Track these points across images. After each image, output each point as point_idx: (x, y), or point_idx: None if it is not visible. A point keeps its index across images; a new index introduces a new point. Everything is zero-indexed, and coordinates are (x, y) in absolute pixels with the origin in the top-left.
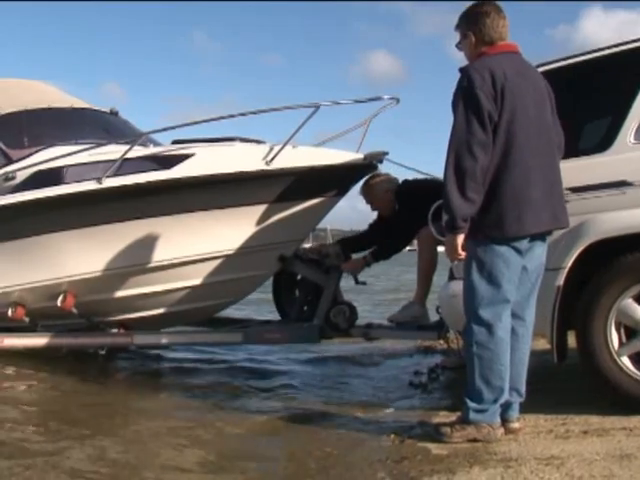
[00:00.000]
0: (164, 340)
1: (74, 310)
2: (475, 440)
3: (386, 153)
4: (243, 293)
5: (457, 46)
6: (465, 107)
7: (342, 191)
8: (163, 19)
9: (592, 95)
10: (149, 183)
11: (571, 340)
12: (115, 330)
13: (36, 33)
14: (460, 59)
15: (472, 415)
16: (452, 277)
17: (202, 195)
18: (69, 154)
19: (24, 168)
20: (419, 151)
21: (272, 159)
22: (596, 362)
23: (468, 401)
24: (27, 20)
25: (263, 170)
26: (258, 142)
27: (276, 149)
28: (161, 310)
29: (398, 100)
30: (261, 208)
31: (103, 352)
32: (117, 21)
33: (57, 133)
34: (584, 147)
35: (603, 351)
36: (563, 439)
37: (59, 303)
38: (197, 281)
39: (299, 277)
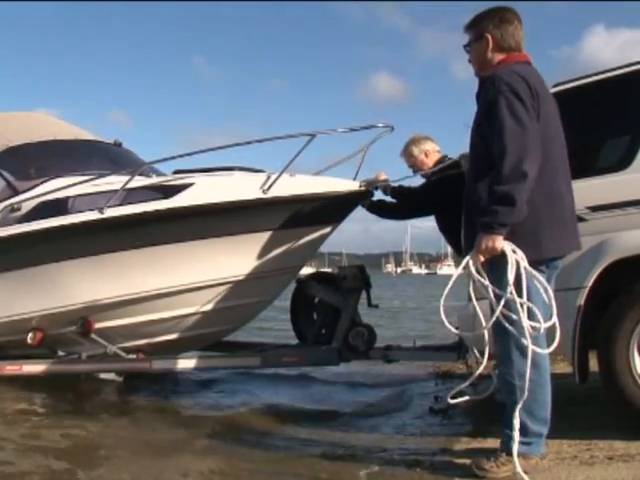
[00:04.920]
0: (182, 365)
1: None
2: (525, 472)
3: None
4: (243, 320)
5: (465, 48)
6: (511, 109)
7: (339, 218)
8: (166, 46)
9: (611, 114)
10: (148, 212)
11: (593, 363)
12: (133, 356)
13: (41, 64)
14: (464, 80)
15: (520, 448)
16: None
17: (201, 224)
18: (72, 185)
19: (29, 199)
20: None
21: (269, 187)
22: (619, 386)
23: (512, 434)
24: (32, 52)
25: (260, 199)
26: (257, 171)
27: (273, 178)
28: (163, 337)
29: (392, 128)
30: (260, 236)
31: (120, 379)
32: (119, 48)
33: (63, 164)
34: (603, 166)
35: (626, 375)
36: (588, 465)
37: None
38: (197, 309)
39: (317, 300)
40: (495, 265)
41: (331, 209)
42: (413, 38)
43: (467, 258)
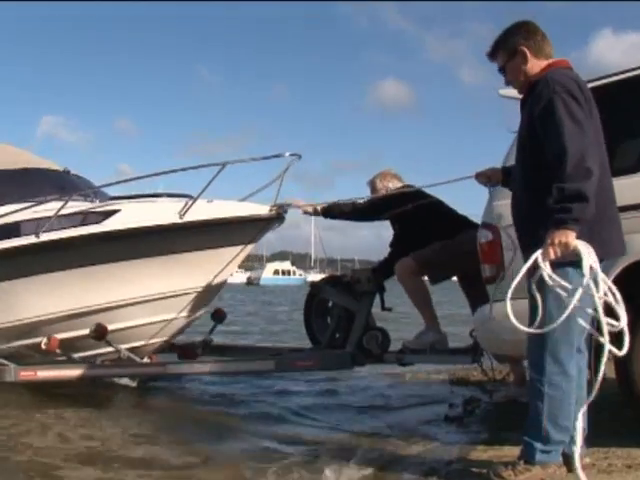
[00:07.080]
0: (197, 369)
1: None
2: None
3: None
4: (171, 335)
5: (501, 71)
6: (568, 109)
7: (251, 240)
8: (169, 55)
9: (628, 115)
10: (73, 237)
11: (610, 369)
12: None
13: (46, 72)
14: (470, 83)
15: (539, 456)
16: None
17: (123, 247)
18: (16, 211)
19: None
20: (433, 177)
21: (185, 213)
22: (636, 392)
23: (533, 441)
24: (37, 60)
25: (171, 223)
26: (184, 197)
27: (189, 204)
28: (96, 351)
29: (300, 156)
30: (178, 257)
31: (134, 384)
32: (122, 57)
33: (13, 192)
34: (620, 167)
35: None
36: (606, 473)
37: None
38: (128, 324)
39: (330, 304)
40: (562, 263)
41: (242, 231)
42: (419, 43)
43: (536, 253)
